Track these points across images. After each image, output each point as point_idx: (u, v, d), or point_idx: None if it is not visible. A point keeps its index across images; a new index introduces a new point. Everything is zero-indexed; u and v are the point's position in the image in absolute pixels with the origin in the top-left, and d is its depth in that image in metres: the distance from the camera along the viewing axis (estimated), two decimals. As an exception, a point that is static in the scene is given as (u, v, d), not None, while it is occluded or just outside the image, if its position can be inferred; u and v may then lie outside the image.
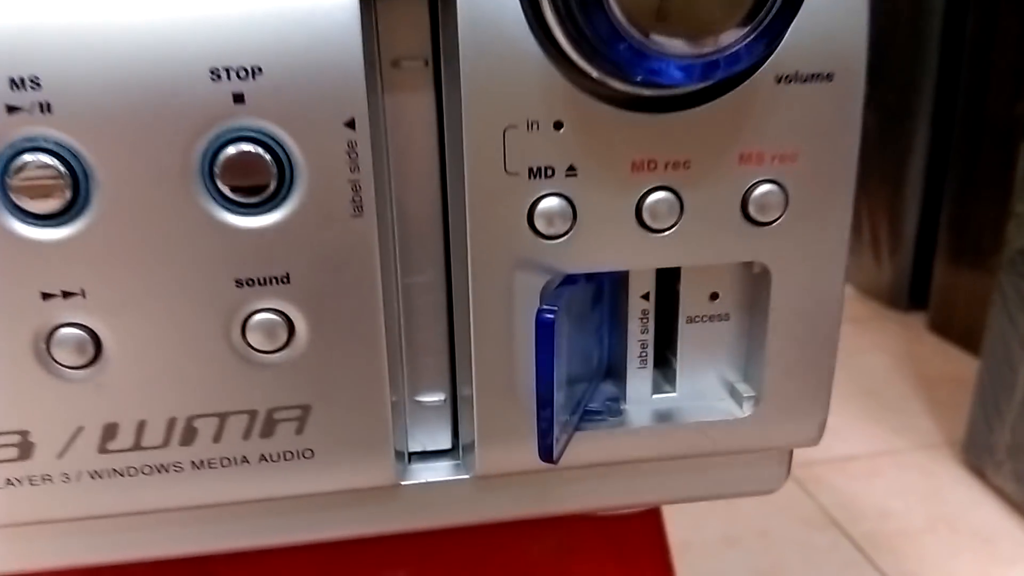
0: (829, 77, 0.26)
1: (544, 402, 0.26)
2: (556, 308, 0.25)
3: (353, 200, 0.25)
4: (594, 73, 0.24)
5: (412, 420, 0.30)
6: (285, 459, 0.28)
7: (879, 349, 1.52)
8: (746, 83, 0.26)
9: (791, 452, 0.33)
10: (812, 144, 0.27)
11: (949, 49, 1.47)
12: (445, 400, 0.30)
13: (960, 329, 1.51)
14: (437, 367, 0.30)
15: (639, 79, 0.23)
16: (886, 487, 1.16)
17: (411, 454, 0.31)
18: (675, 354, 0.30)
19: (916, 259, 1.62)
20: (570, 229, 0.26)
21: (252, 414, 0.27)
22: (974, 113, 1.40)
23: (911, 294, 1.65)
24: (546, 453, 0.26)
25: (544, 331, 0.25)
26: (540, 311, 0.25)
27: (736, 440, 0.30)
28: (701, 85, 0.25)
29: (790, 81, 0.26)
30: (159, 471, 0.27)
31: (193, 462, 0.27)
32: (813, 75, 0.26)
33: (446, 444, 0.31)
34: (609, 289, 0.30)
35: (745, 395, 0.30)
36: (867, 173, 1.64)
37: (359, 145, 0.25)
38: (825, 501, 1.14)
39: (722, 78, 0.24)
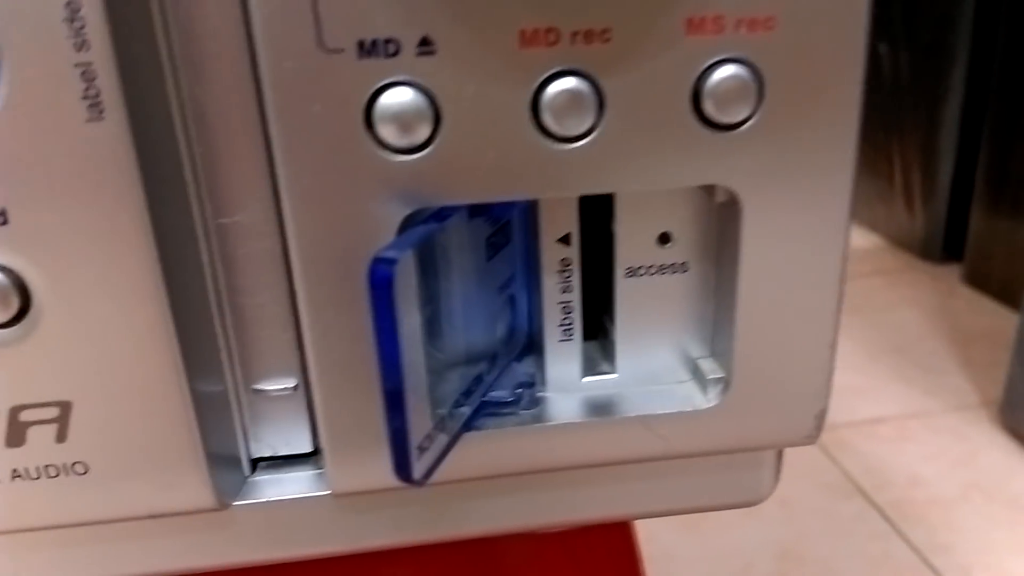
0: None
1: (392, 396, 0.17)
2: (396, 257, 0.16)
3: (86, 95, 0.16)
4: None
5: (253, 415, 0.22)
6: (48, 475, 0.20)
7: (910, 303, 1.43)
8: (693, -98, 0.17)
9: (780, 452, 0.24)
10: (796, 2, 0.18)
11: (989, -17, 1.37)
12: (296, 387, 0.22)
13: (997, 282, 1.44)
14: (280, 342, 0.21)
15: None
16: (916, 452, 1.09)
17: (259, 460, 0.23)
18: (613, 320, 0.22)
19: (951, 208, 1.55)
20: (432, 138, 0.18)
21: (-12, 415, 0.19)
22: (1015, 52, 1.30)
23: (945, 245, 1.58)
24: (402, 469, 0.18)
25: (380, 292, 0.16)
26: (373, 262, 0.16)
27: (699, 439, 0.21)
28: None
29: (762, -102, 0.17)
30: None
31: (-83, 482, 0.19)
32: None
33: (304, 447, 0.23)
34: (518, 225, 0.22)
35: (710, 376, 0.21)
36: (900, 115, 1.56)
37: (84, 8, 0.16)
38: (850, 467, 1.07)
39: None
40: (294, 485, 0.22)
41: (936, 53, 1.45)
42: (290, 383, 0.22)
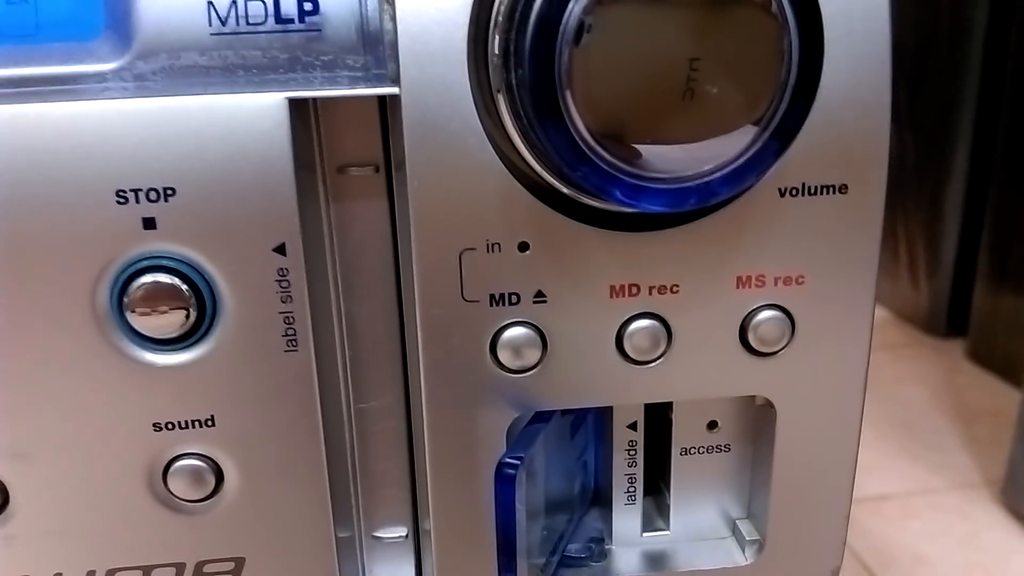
0: (842, 189, 0.22)
1: (506, 566, 0.22)
2: (519, 461, 0.21)
3: (286, 334, 0.22)
4: (564, 189, 0.21)
5: (370, 557, 0.27)
6: (219, 614, 0.25)
7: (915, 378, 1.46)
8: (744, 197, 0.22)
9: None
10: (822, 264, 0.23)
11: (992, 66, 1.41)
12: (407, 536, 0.27)
13: (1000, 358, 1.45)
14: (397, 499, 0.26)
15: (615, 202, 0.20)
16: (921, 530, 1.10)
17: (370, 592, 0.28)
18: (669, 487, 0.27)
19: (955, 283, 1.56)
20: (539, 361, 0.23)
21: (179, 567, 0.24)
22: (1017, 132, 1.35)
23: (949, 319, 1.59)
24: (510, 622, 0.23)
25: (505, 487, 0.21)
26: (500, 464, 0.21)
27: (737, 588, 0.26)
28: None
29: (796, 194, 0.22)
30: (78, 625, 0.24)
31: (115, 616, 0.24)
32: (823, 187, 0.22)
33: (410, 583, 0.28)
34: (593, 413, 0.27)
35: (748, 539, 0.26)
36: (904, 192, 1.59)
37: (291, 273, 0.21)
38: (856, 545, 1.08)
39: (714, 203, 0.20)
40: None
41: (940, 134, 1.49)
42: (402, 532, 0.27)
